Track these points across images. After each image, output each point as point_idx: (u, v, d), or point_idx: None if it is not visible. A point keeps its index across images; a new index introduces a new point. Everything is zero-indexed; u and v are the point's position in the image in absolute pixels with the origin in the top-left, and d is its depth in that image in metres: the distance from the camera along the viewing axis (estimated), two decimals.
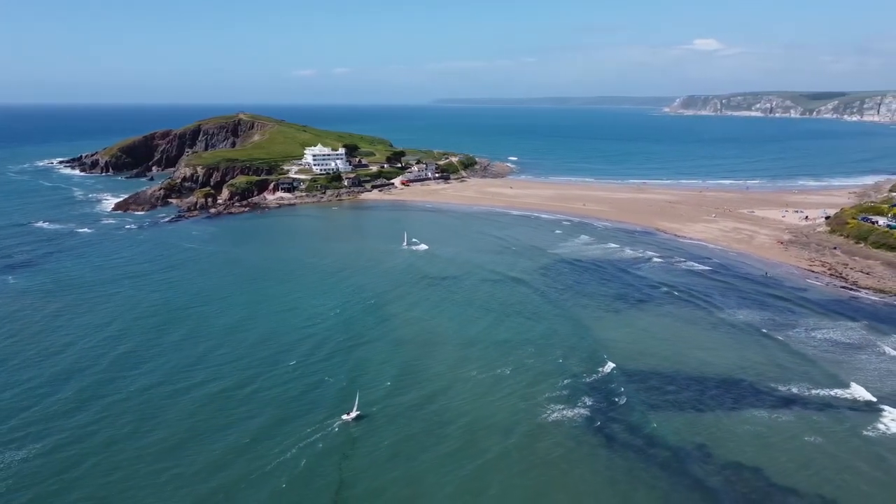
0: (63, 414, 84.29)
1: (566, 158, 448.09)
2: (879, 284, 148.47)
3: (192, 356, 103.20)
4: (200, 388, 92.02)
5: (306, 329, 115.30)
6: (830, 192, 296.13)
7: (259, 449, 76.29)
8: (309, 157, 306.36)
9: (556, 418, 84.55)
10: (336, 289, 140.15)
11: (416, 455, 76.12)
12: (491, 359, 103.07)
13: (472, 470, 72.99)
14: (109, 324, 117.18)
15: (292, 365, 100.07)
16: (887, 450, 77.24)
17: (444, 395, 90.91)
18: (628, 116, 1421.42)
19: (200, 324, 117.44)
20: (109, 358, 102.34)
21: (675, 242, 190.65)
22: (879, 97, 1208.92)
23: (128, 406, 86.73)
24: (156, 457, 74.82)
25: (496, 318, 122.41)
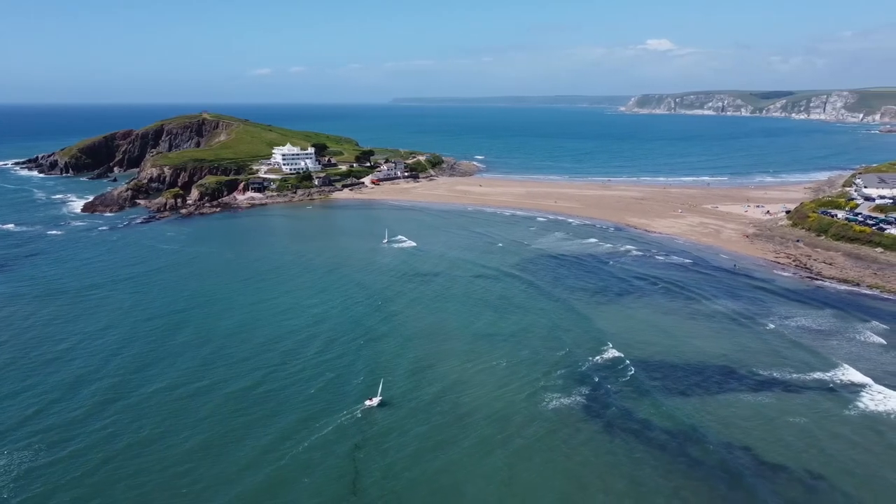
0: (85, 419, 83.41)
1: (531, 157, 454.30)
2: (842, 274, 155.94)
3: (204, 357, 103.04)
4: (223, 387, 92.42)
5: (314, 328, 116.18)
6: (787, 187, 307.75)
7: (297, 435, 79.84)
8: (278, 156, 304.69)
9: (569, 403, 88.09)
10: (334, 287, 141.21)
11: (438, 436, 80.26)
12: (500, 350, 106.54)
13: (495, 446, 75.92)
14: (109, 328, 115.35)
15: (308, 361, 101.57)
16: (868, 425, 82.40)
17: (459, 381, 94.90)
18: (586, 115, 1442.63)
19: (205, 325, 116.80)
20: (119, 362, 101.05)
21: (647, 237, 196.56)
22: (825, 96, 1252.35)
23: (152, 408, 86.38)
24: (200, 453, 76.03)
25: (497, 311, 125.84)
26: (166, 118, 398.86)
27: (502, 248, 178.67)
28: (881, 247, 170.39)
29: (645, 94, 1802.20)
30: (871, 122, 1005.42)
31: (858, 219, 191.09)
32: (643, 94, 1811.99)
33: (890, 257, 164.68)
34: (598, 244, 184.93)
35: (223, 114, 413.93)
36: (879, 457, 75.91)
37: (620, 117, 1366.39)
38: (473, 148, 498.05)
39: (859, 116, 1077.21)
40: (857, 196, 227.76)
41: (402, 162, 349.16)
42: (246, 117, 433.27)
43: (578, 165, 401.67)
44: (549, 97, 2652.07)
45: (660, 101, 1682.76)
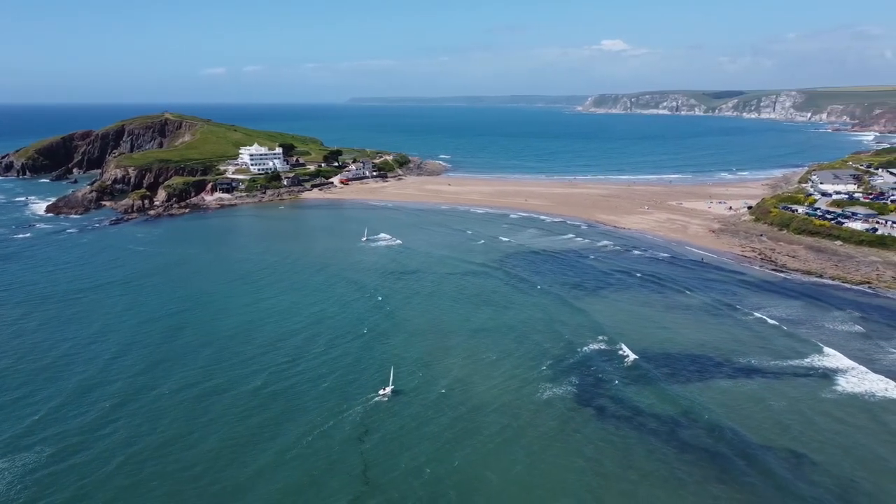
0: (99, 424, 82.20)
1: (497, 156, 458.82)
2: (806, 266, 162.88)
3: (210, 358, 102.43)
4: (235, 387, 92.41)
5: (315, 326, 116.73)
6: (745, 184, 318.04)
7: (313, 422, 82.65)
8: (246, 156, 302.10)
9: (575, 391, 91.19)
10: (328, 286, 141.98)
11: (452, 422, 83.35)
12: (502, 342, 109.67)
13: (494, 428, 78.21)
14: (107, 333, 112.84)
15: (316, 358, 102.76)
16: (852, 403, 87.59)
17: (467, 372, 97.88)
18: (544, 115, 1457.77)
19: (204, 327, 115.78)
20: (124, 366, 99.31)
21: (619, 233, 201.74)
22: (774, 96, 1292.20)
23: (168, 410, 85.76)
24: (222, 452, 76.22)
25: (493, 305, 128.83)
26: (126, 118, 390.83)
27: (484, 245, 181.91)
28: (840, 240, 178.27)
29: (601, 94, 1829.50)
30: (818, 121, 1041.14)
31: (817, 213, 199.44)
32: (600, 94, 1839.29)
33: (849, 249, 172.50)
34: (574, 240, 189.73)
35: (178, 113, 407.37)
36: (863, 430, 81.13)
37: (578, 117, 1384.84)
38: (438, 147, 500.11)
39: (807, 115, 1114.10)
40: (814, 192, 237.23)
41: (370, 162, 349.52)
42: (202, 118, 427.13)
43: (544, 164, 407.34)
44: (507, 97, 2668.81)
45: (616, 100, 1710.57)
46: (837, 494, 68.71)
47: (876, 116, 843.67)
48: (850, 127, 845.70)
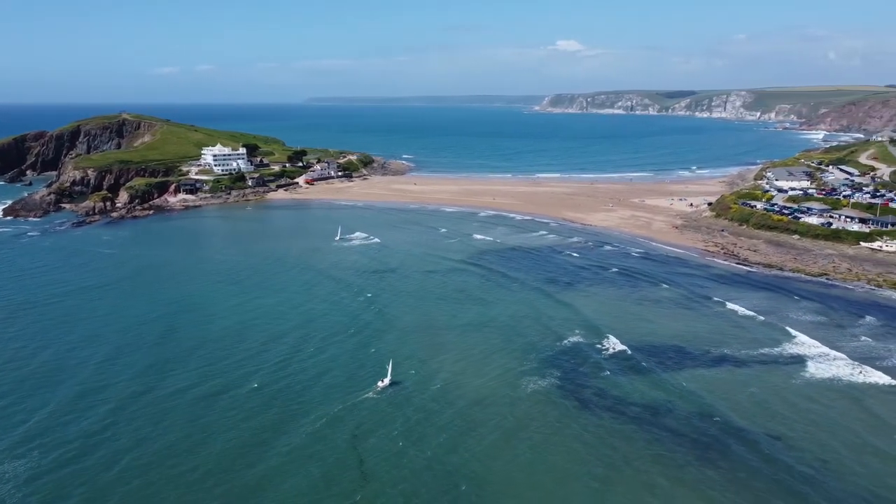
0: (105, 428, 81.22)
1: (460, 155, 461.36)
2: (767, 260, 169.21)
3: (207, 360, 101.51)
4: (237, 387, 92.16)
5: (307, 326, 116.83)
6: (703, 181, 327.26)
7: (317, 413, 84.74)
8: (209, 157, 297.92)
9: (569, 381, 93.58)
10: (312, 286, 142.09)
11: (445, 410, 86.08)
12: (493, 336, 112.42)
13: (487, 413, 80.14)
14: (96, 338, 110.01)
15: (312, 355, 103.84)
16: (818, 388, 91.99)
17: (461, 366, 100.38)
18: (503, 115, 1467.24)
19: (195, 330, 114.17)
20: (120, 371, 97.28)
21: (587, 230, 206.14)
22: (725, 95, 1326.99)
23: (172, 413, 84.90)
24: (233, 452, 76.24)
25: (480, 302, 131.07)
26: (80, 119, 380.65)
27: (461, 242, 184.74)
28: (797, 234, 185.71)
29: (558, 94, 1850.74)
30: (767, 120, 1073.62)
31: (775, 209, 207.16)
32: (556, 94, 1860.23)
33: (806, 243, 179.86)
34: (546, 237, 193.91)
35: (136, 114, 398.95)
36: (836, 409, 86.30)
37: (536, 116, 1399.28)
38: (400, 147, 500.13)
39: (757, 115, 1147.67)
40: (770, 188, 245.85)
41: (335, 161, 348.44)
42: (160, 118, 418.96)
43: (508, 163, 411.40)
44: (466, 97, 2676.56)
45: (572, 100, 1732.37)
46: (817, 467, 72.67)
47: (822, 116, 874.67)
48: (798, 126, 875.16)
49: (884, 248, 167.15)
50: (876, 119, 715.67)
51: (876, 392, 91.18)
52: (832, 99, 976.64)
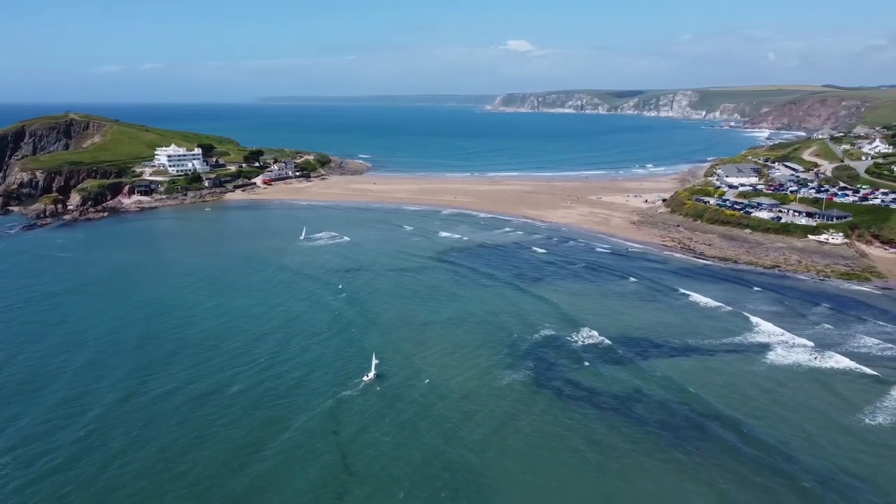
0: (108, 431, 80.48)
1: (417, 155, 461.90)
2: (722, 254, 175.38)
3: (194, 361, 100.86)
4: (228, 387, 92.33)
5: (290, 325, 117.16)
6: (656, 178, 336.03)
7: (306, 403, 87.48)
8: (163, 157, 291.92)
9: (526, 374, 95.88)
10: (289, 285, 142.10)
11: (434, 403, 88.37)
12: (474, 330, 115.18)
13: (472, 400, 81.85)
14: (76, 345, 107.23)
15: (297, 353, 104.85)
16: (782, 376, 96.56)
17: (446, 360, 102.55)
18: (456, 114, 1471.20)
19: (178, 333, 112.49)
20: (105, 376, 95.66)
21: (548, 227, 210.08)
22: (671, 95, 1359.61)
23: (166, 416, 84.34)
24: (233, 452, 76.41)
25: (457, 298, 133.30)
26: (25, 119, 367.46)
27: (429, 240, 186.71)
28: (749, 228, 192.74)
29: (509, 94, 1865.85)
30: (712, 118, 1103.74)
31: (727, 204, 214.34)
32: (508, 94, 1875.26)
33: (757, 237, 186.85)
34: (511, 233, 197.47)
35: (84, 114, 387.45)
36: (801, 389, 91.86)
37: (489, 116, 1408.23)
38: (356, 147, 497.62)
39: (702, 113, 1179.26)
40: (721, 184, 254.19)
41: (292, 161, 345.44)
42: (109, 118, 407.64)
43: (465, 162, 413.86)
44: (417, 96, 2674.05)
45: (524, 100, 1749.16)
46: (791, 444, 77.36)
47: (764, 114, 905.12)
48: (742, 124, 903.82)
49: (830, 240, 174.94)
50: (815, 118, 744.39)
51: (837, 374, 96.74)
52: (773, 98, 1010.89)
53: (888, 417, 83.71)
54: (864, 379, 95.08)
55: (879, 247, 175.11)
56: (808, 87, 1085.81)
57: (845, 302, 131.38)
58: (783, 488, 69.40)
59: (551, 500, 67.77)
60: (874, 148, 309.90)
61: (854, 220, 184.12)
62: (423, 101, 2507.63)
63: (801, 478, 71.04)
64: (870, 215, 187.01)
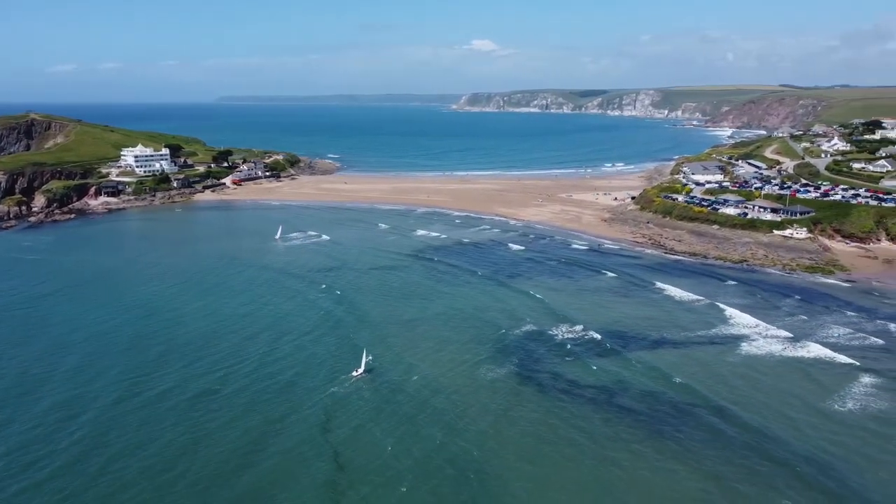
0: (110, 434, 79.70)
1: (386, 154, 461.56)
2: (692, 249, 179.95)
3: (189, 361, 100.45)
4: (226, 385, 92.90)
5: (283, 323, 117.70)
6: (624, 176, 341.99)
7: (301, 398, 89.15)
8: (130, 158, 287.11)
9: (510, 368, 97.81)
10: (275, 284, 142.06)
11: (435, 401, 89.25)
12: (462, 325, 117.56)
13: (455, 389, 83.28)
14: (61, 349, 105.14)
15: (290, 349, 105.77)
16: (761, 364, 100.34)
17: (439, 354, 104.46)
18: (422, 113, 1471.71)
19: (168, 335, 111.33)
20: (100, 379, 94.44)
21: (522, 224, 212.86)
22: (635, 94, 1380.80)
23: (169, 416, 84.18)
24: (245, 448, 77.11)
25: (444, 294, 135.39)
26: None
27: (407, 239, 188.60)
28: (717, 224, 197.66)
29: (475, 93, 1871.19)
30: (675, 117, 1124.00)
31: (695, 201, 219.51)
32: (473, 93, 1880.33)
33: (725, 232, 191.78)
34: (487, 231, 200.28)
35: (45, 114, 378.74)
36: (777, 375, 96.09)
37: (455, 115, 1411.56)
38: (324, 147, 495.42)
39: (665, 113, 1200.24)
40: (688, 182, 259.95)
41: (261, 161, 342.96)
42: (72, 118, 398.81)
43: (435, 162, 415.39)
44: (383, 95, 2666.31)
45: (489, 99, 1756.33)
46: (774, 427, 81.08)
47: (724, 114, 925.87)
48: (704, 123, 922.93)
49: (794, 235, 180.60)
50: (774, 116, 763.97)
51: (812, 362, 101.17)
52: (733, 98, 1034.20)
53: (860, 402, 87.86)
54: (837, 366, 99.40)
55: (841, 241, 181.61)
56: (766, 87, 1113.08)
57: (813, 294, 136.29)
58: (767, 469, 72.57)
59: (554, 491, 69.29)
60: (833, 146, 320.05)
61: (817, 216, 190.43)
62: (389, 101, 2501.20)
63: (785, 459, 74.40)
64: (831, 210, 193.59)
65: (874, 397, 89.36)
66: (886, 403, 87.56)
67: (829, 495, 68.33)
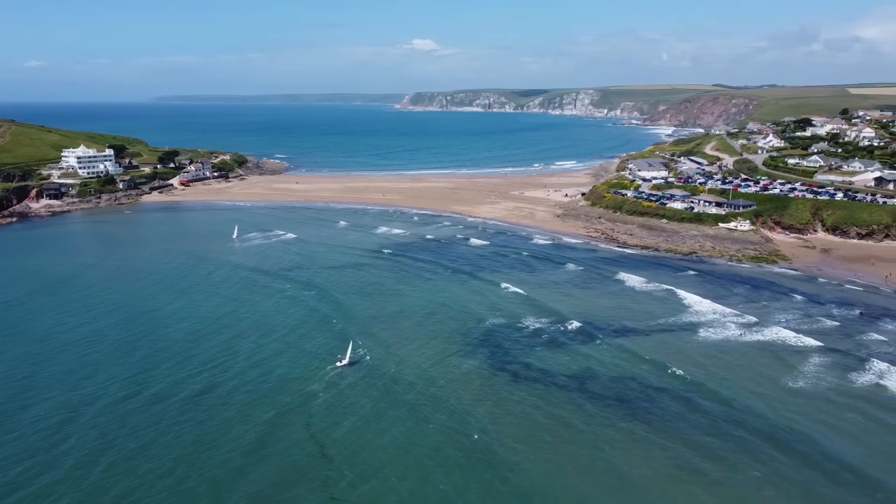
0: (115, 437, 78.54)
1: (335, 154, 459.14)
2: (643, 242, 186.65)
3: (179, 361, 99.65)
4: (222, 382, 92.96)
5: (268, 321, 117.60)
6: (572, 174, 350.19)
7: (290, 388, 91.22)
8: (72, 159, 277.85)
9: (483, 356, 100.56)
10: (250, 284, 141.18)
11: (398, 389, 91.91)
12: (443, 318, 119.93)
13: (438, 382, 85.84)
14: (46, 355, 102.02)
15: (278, 343, 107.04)
16: (722, 346, 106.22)
17: (412, 344, 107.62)
18: (365, 113, 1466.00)
19: (152, 337, 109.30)
20: (90, 385, 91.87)
21: (479, 221, 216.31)
22: (575, 94, 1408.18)
23: (171, 417, 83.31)
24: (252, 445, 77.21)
25: (420, 289, 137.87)
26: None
27: (369, 236, 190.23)
28: (665, 218, 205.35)
29: (418, 93, 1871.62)
30: (614, 116, 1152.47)
31: (644, 196, 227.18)
32: (416, 92, 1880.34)
33: (673, 226, 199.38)
34: (446, 227, 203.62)
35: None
36: (739, 352, 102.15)
37: (399, 114, 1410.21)
38: (270, 147, 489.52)
39: (604, 111, 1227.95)
40: (635, 178, 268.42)
41: (209, 162, 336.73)
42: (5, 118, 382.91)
43: (385, 161, 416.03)
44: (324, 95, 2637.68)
45: (432, 98, 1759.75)
46: (747, 401, 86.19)
47: (662, 112, 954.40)
48: (643, 121, 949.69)
49: (738, 227, 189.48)
50: (708, 115, 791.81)
51: (770, 341, 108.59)
52: (669, 97, 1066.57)
53: (817, 376, 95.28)
54: (793, 345, 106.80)
55: (781, 232, 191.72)
56: (700, 87, 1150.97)
57: (761, 282, 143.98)
58: (741, 433, 79.36)
59: (559, 476, 71.60)
60: (768, 142, 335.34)
61: (758, 209, 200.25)
62: (330, 100, 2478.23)
63: (757, 427, 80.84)
64: (771, 203, 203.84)
65: (828, 371, 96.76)
66: (839, 376, 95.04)
67: (797, 458, 74.00)
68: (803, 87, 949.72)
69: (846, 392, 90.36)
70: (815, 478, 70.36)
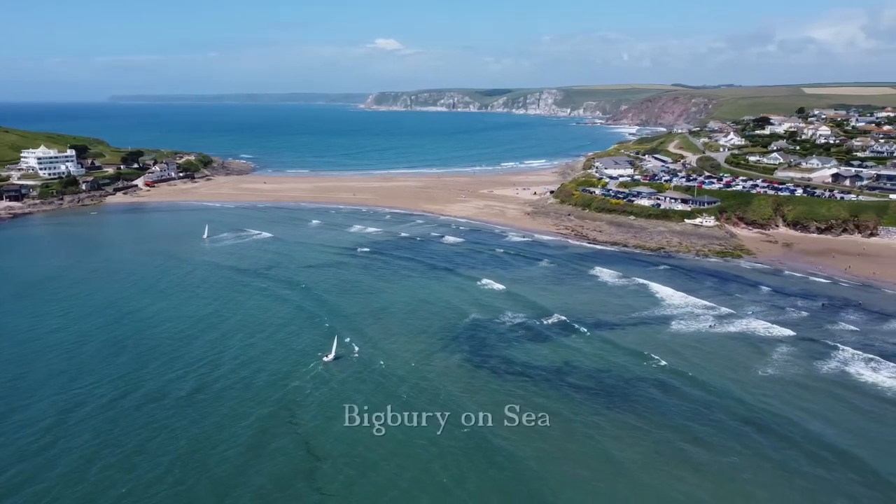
0: (119, 438, 77.81)
1: (302, 154, 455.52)
2: (612, 239, 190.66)
3: (167, 361, 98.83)
4: (217, 378, 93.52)
5: (255, 318, 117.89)
6: (539, 172, 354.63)
7: (277, 384, 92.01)
8: (32, 160, 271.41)
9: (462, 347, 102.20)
10: (234, 284, 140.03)
11: (385, 382, 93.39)
12: (428, 314, 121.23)
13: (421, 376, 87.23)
14: (35, 355, 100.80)
15: (265, 340, 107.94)
16: (698, 336, 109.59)
17: (397, 339, 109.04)
18: (329, 112, 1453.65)
19: (140, 338, 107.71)
20: (80, 390, 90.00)
21: (451, 220, 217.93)
22: (538, 93, 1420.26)
23: (167, 415, 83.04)
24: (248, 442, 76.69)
25: (403, 286, 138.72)
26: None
27: (344, 234, 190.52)
28: (633, 215, 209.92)
29: (382, 92, 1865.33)
30: (577, 115, 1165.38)
31: (611, 194, 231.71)
32: (380, 92, 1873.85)
33: (641, 222, 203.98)
34: (420, 226, 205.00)
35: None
36: (723, 344, 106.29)
37: (363, 114, 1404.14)
38: (235, 147, 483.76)
39: (567, 111, 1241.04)
40: (602, 176, 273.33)
41: (174, 162, 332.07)
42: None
43: (353, 161, 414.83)
44: (285, 94, 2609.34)
45: (396, 98, 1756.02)
46: (718, 383, 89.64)
47: (624, 111, 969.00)
48: (606, 121, 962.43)
49: (703, 223, 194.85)
50: (669, 114, 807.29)
51: (742, 331, 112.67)
52: (630, 97, 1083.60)
53: (788, 363, 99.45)
54: (764, 334, 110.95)
55: (745, 227, 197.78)
56: (661, 86, 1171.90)
57: (728, 276, 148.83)
58: (721, 416, 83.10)
59: (552, 463, 73.39)
60: (729, 140, 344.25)
61: (722, 205, 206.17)
62: (292, 100, 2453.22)
63: (736, 411, 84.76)
64: (734, 200, 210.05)
65: (798, 358, 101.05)
66: (808, 363, 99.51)
67: (776, 438, 77.81)
68: (760, 87, 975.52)
69: (816, 377, 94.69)
70: (795, 457, 74.07)
